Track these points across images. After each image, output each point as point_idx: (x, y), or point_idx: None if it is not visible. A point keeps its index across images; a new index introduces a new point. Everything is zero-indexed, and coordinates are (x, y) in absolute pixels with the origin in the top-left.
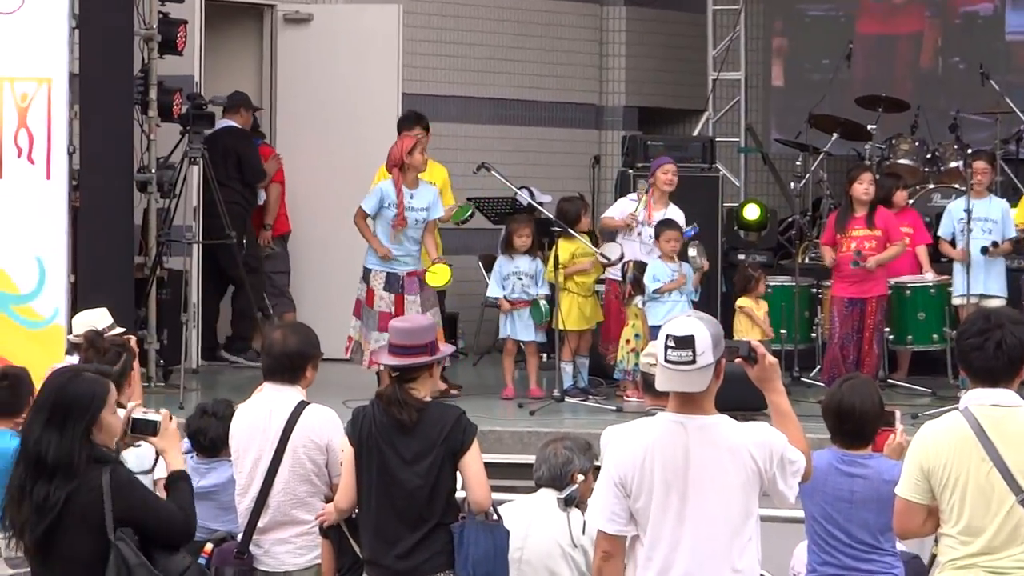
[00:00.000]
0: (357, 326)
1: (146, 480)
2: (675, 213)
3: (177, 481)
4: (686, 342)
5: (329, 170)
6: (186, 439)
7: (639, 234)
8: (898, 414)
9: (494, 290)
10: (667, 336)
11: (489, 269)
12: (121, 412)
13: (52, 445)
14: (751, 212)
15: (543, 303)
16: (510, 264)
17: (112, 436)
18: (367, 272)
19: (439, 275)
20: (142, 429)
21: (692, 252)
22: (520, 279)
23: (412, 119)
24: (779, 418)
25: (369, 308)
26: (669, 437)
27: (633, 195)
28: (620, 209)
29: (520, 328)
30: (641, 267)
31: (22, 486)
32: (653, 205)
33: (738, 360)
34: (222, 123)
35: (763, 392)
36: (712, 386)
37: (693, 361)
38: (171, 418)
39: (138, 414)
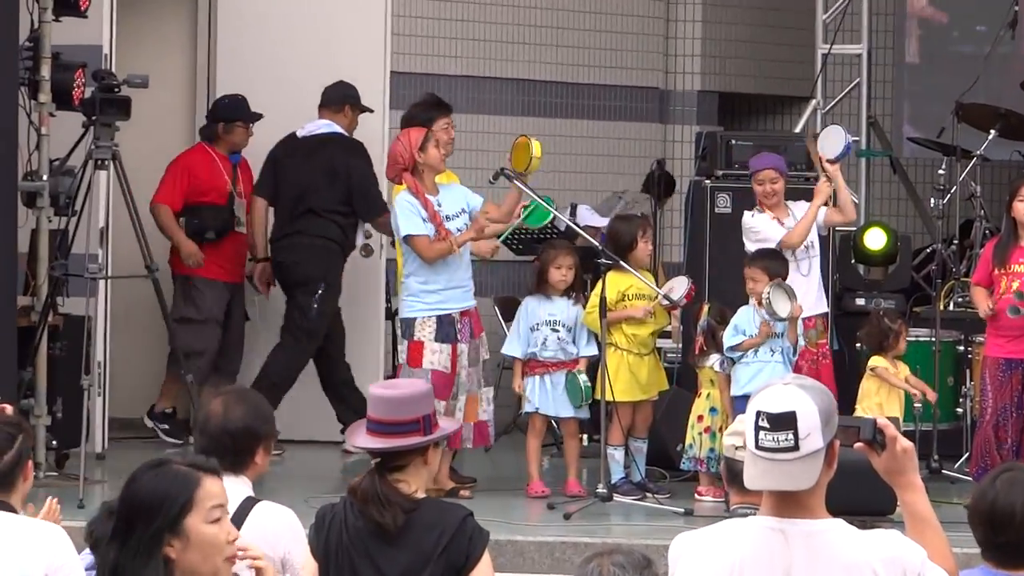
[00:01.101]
0: None
1: None
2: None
3: None
4: (785, 421)
5: None
6: (87, 551)
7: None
8: None
9: (512, 346)
10: (758, 413)
11: (510, 317)
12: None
13: (110, 560)
14: (875, 239)
15: (583, 378)
16: (542, 308)
17: (209, 555)
18: (408, 324)
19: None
20: None
21: (767, 293)
22: (555, 330)
23: (433, 106)
24: (916, 525)
25: (416, 370)
26: (764, 549)
27: (754, 210)
28: (769, 230)
29: (553, 400)
30: (721, 312)
31: None
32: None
33: (858, 445)
34: (319, 125)
35: (893, 489)
36: (823, 479)
37: (795, 447)
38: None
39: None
